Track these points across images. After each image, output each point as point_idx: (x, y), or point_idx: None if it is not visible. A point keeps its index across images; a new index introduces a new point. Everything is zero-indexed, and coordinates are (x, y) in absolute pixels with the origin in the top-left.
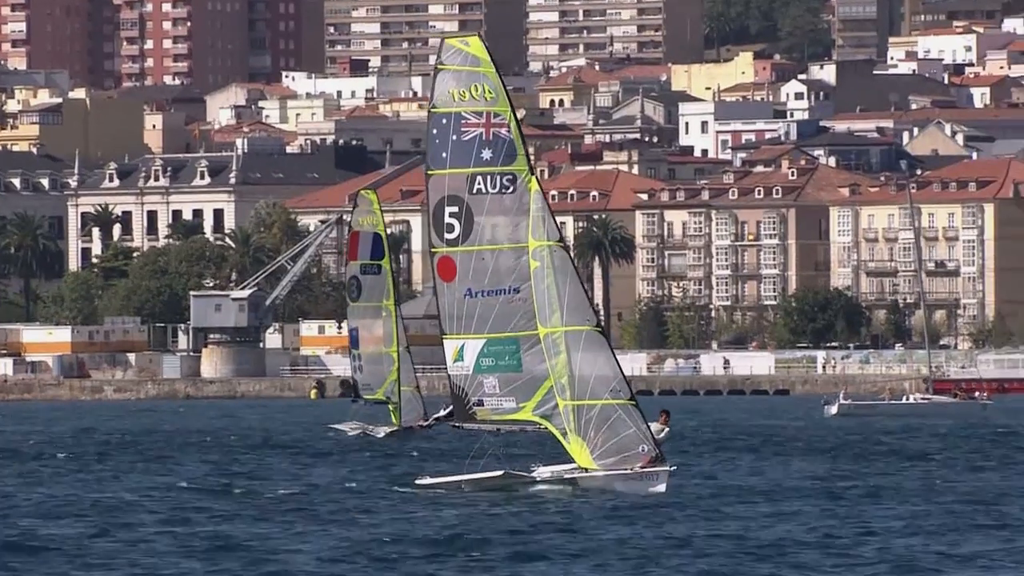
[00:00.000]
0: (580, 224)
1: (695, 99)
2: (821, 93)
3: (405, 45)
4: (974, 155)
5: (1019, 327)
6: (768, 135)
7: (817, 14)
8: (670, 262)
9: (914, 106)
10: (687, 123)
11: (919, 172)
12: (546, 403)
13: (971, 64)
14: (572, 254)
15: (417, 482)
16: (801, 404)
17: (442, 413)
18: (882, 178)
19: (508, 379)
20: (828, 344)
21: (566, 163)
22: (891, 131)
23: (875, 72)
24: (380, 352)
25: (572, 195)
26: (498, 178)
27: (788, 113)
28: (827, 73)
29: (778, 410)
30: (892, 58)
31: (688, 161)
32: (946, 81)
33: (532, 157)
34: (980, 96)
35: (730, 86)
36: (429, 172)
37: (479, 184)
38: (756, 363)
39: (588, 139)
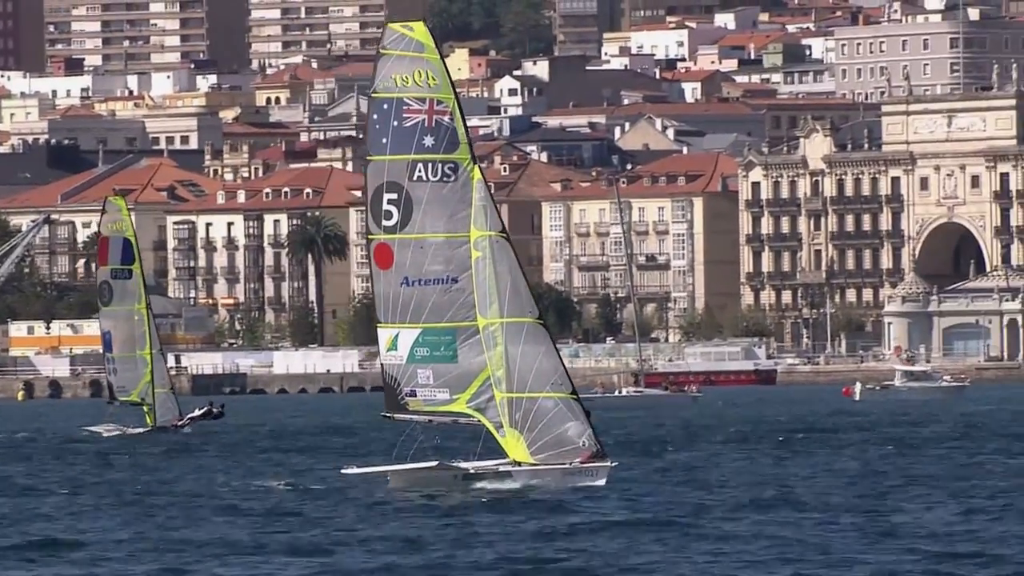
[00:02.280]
0: (294, 222)
1: None
2: (535, 89)
3: (127, 43)
4: (684, 149)
5: (728, 320)
6: (482, 131)
7: (539, 10)
8: None
9: (626, 101)
10: None
11: (630, 167)
12: (481, 395)
13: (683, 59)
14: (290, 251)
15: (343, 472)
16: None
17: (197, 413)
18: (593, 173)
19: (443, 370)
20: None
21: (280, 161)
22: (603, 126)
23: (588, 68)
24: (134, 355)
25: (286, 192)
26: (440, 166)
27: (502, 109)
28: (541, 69)
29: None
30: (606, 54)
31: None
32: (658, 76)
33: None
34: (691, 91)
35: None
36: (369, 157)
37: (420, 171)
38: None
39: (303, 136)
